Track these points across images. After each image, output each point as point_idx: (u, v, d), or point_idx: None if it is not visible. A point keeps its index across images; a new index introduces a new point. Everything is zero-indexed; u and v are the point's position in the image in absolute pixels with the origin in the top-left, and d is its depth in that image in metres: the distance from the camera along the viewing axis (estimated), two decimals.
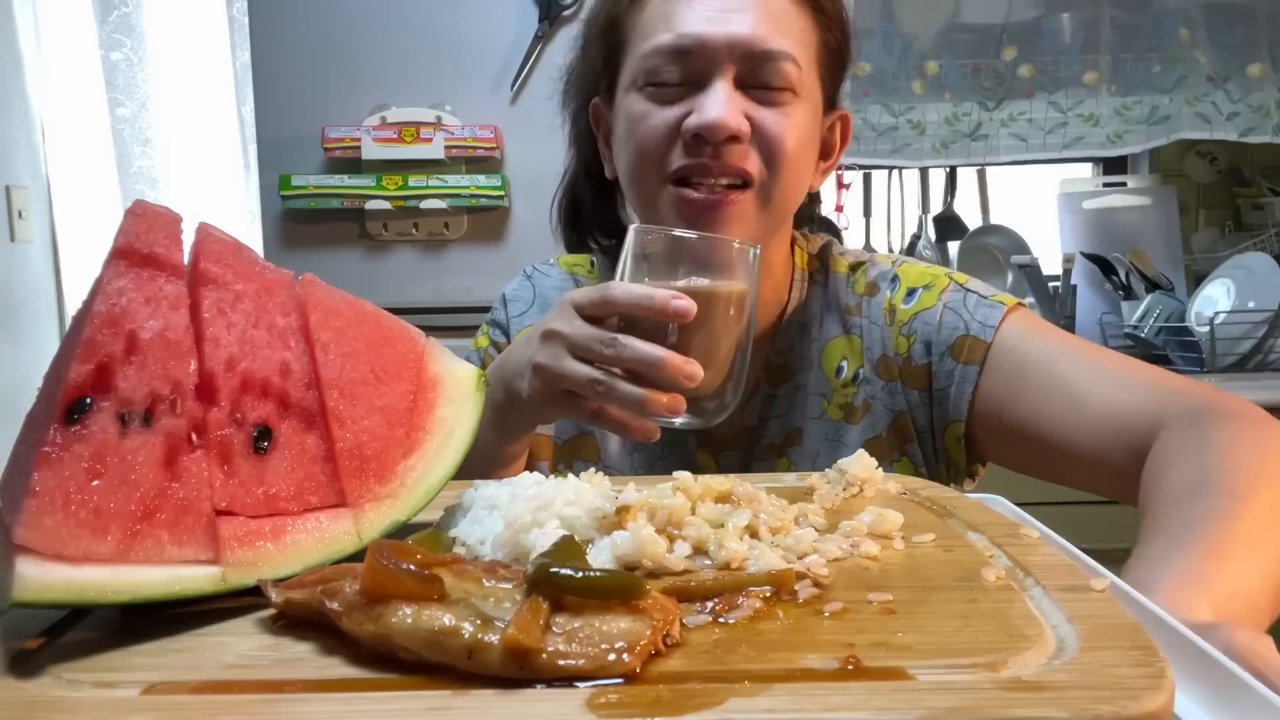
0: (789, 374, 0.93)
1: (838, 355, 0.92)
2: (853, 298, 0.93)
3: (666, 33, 0.81)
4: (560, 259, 1.03)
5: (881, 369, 0.91)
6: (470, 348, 1.00)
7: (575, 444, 0.95)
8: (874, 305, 0.92)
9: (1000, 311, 0.86)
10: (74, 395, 0.41)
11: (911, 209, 2.59)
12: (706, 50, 0.80)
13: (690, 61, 0.80)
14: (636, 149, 0.83)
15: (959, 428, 0.87)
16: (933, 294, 0.90)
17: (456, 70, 2.07)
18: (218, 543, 0.42)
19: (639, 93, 0.83)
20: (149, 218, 0.45)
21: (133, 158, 2.52)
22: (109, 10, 2.44)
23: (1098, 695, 0.31)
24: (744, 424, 0.93)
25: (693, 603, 0.40)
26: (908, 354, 0.89)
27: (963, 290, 0.89)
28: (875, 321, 0.92)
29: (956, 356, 0.86)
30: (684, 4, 0.81)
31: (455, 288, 2.08)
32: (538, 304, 0.99)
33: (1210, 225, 2.53)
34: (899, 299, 0.91)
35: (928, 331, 0.88)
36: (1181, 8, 2.27)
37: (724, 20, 0.80)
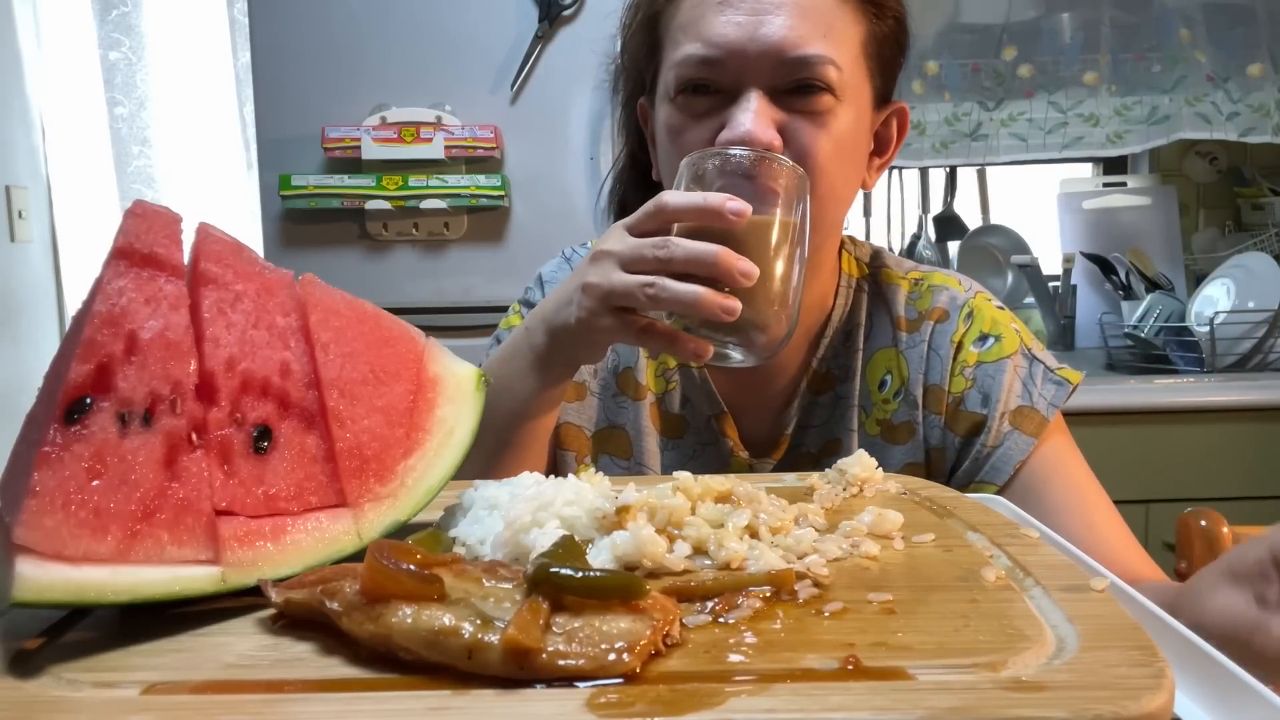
0: (832, 382, 0.91)
1: (883, 368, 0.90)
2: (912, 312, 0.91)
3: (695, 41, 0.79)
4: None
5: (930, 399, 0.88)
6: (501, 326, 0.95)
7: (605, 435, 0.92)
8: (939, 331, 0.89)
9: (1066, 391, 0.87)
10: (74, 395, 0.41)
11: (911, 209, 2.59)
12: (735, 60, 0.77)
13: (720, 71, 0.78)
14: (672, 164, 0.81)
15: (990, 489, 0.84)
16: (1002, 349, 0.88)
17: (456, 70, 2.06)
18: (218, 543, 0.42)
19: (672, 104, 0.81)
20: (149, 218, 0.45)
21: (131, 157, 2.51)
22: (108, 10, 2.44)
23: (1098, 695, 0.31)
24: (781, 430, 0.90)
25: (693, 603, 0.40)
26: (962, 396, 0.87)
27: (1030, 357, 0.88)
28: (936, 349, 0.89)
29: (1016, 423, 0.85)
30: (714, 10, 0.78)
31: (455, 288, 2.08)
32: None
33: (1210, 225, 2.53)
34: (970, 338, 0.89)
35: (990, 385, 0.86)
36: (1181, 8, 2.27)
37: (754, 26, 0.77)
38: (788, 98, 0.78)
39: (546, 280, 0.97)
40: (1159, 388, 1.93)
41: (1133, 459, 1.86)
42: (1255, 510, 1.82)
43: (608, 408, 0.91)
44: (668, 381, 0.91)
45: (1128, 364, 2.21)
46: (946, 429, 0.87)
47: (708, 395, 0.90)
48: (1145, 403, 1.87)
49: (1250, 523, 1.01)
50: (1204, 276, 2.30)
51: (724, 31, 0.77)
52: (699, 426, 0.91)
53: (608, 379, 0.91)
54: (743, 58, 0.77)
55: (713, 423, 0.91)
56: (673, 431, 0.92)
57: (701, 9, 0.79)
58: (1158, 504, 1.86)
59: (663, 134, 0.83)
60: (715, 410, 0.90)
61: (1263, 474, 1.88)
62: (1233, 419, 1.87)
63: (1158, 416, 1.87)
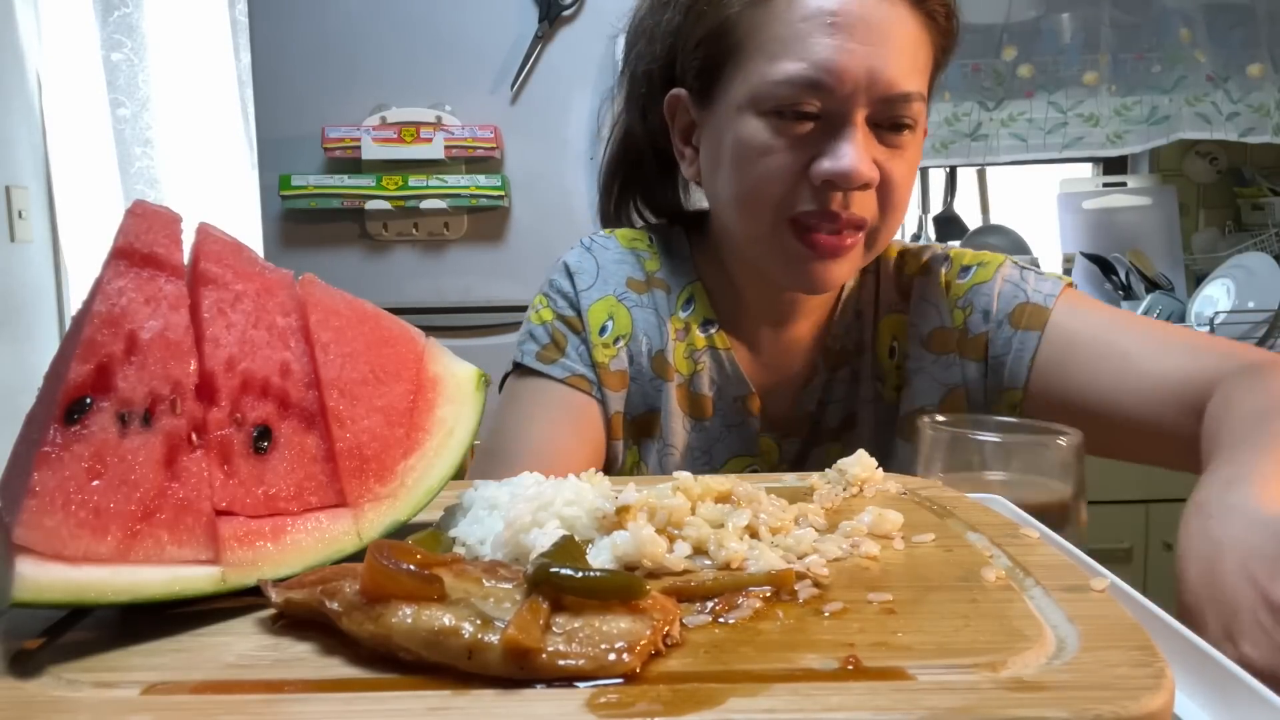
0: (845, 359, 0.94)
1: (888, 338, 0.93)
2: (903, 278, 0.94)
3: (800, 60, 0.76)
4: (617, 233, 0.97)
5: (935, 342, 0.91)
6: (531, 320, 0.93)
7: (643, 420, 0.92)
8: (926, 284, 0.93)
9: (1059, 285, 0.90)
10: (74, 395, 0.41)
11: (912, 209, 2.59)
12: (846, 86, 0.76)
13: (826, 98, 0.76)
14: (755, 184, 0.80)
15: (1015, 395, 0.87)
16: (989, 269, 0.92)
17: (456, 70, 2.07)
18: (218, 543, 0.42)
19: (761, 119, 0.79)
20: (149, 218, 0.45)
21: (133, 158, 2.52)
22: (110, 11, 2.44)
23: (1098, 695, 0.31)
24: (804, 409, 0.93)
25: (693, 603, 0.40)
26: (964, 325, 0.91)
27: (1019, 268, 0.92)
28: (927, 298, 0.92)
29: (1015, 324, 0.88)
30: (823, 29, 0.76)
31: (455, 288, 2.08)
32: (601, 278, 0.92)
33: (1210, 225, 2.53)
34: (954, 275, 0.93)
35: (985, 302, 0.90)
36: (1181, 8, 2.27)
37: (867, 56, 0.75)
38: (880, 130, 0.79)
39: (575, 270, 0.93)
40: None
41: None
42: None
43: (645, 393, 0.91)
44: (695, 363, 0.91)
45: None
46: (964, 361, 0.90)
47: (737, 377, 0.91)
48: None
49: None
50: (1204, 276, 2.30)
51: (838, 59, 0.75)
52: (725, 408, 0.92)
53: (643, 364, 0.91)
54: (853, 86, 0.76)
55: (739, 404, 0.92)
56: (700, 413, 0.92)
57: (809, 26, 0.76)
58: (1158, 504, 1.86)
59: (741, 149, 0.80)
60: (743, 391, 0.92)
61: None
62: None
63: None
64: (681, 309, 0.92)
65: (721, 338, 0.92)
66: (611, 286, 0.92)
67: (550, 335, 0.90)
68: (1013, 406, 0.88)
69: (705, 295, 0.93)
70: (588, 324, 0.90)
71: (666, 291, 0.92)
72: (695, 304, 0.92)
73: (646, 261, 0.94)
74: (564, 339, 0.90)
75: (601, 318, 0.90)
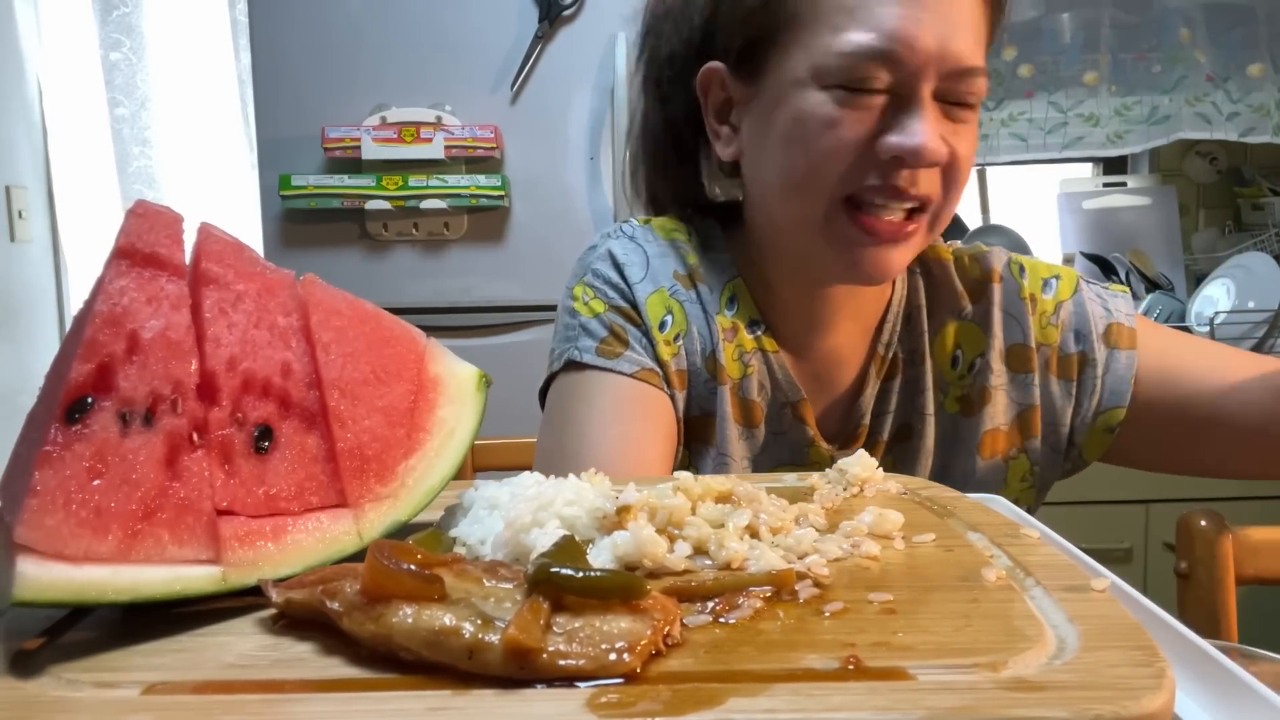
0: (899, 368, 0.89)
1: (951, 344, 0.89)
2: (969, 283, 0.90)
3: (868, 31, 0.72)
4: (653, 222, 0.91)
5: (1013, 359, 0.88)
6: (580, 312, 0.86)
7: (697, 422, 0.86)
8: (1002, 292, 0.89)
9: (1129, 299, 0.90)
10: (75, 395, 0.41)
11: None
12: (918, 57, 0.72)
13: (896, 69, 0.73)
14: (815, 161, 0.76)
15: (1118, 414, 0.86)
16: (1068, 284, 0.90)
17: (456, 70, 2.07)
18: (218, 543, 0.42)
19: (824, 92, 0.74)
20: (150, 217, 0.46)
21: (131, 158, 2.52)
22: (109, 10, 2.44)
23: (1098, 695, 0.31)
24: (857, 419, 0.88)
25: (693, 603, 0.40)
26: (1059, 344, 0.87)
27: (1088, 283, 0.91)
28: (1009, 310, 0.88)
29: (1111, 343, 0.87)
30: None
31: (455, 288, 2.08)
32: (651, 270, 0.87)
33: (1210, 225, 2.53)
34: (1036, 288, 0.89)
35: (1075, 321, 0.88)
36: (1181, 8, 2.27)
37: (936, 25, 0.72)
38: (945, 105, 0.76)
39: (623, 262, 0.87)
40: None
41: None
42: (1255, 510, 1.82)
43: (700, 395, 0.86)
44: (745, 367, 0.86)
45: None
46: (1047, 379, 0.88)
47: (788, 382, 0.86)
48: None
49: (1250, 523, 1.01)
50: (1204, 276, 2.30)
51: (908, 28, 0.72)
52: (773, 415, 0.87)
53: (698, 365, 0.85)
54: (924, 57, 0.73)
55: (789, 411, 0.86)
56: (750, 420, 0.86)
57: None
58: (1158, 504, 1.86)
59: (801, 124, 0.76)
60: (795, 397, 0.86)
61: None
62: None
63: None
64: (726, 308, 0.87)
65: (770, 340, 0.86)
66: (663, 279, 0.86)
67: (609, 328, 0.84)
68: (1110, 428, 0.87)
69: (748, 294, 0.87)
70: (647, 318, 0.84)
71: (709, 288, 0.87)
72: (739, 303, 0.87)
73: (687, 255, 0.88)
74: (624, 332, 0.83)
75: (660, 312, 0.85)
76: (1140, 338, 0.87)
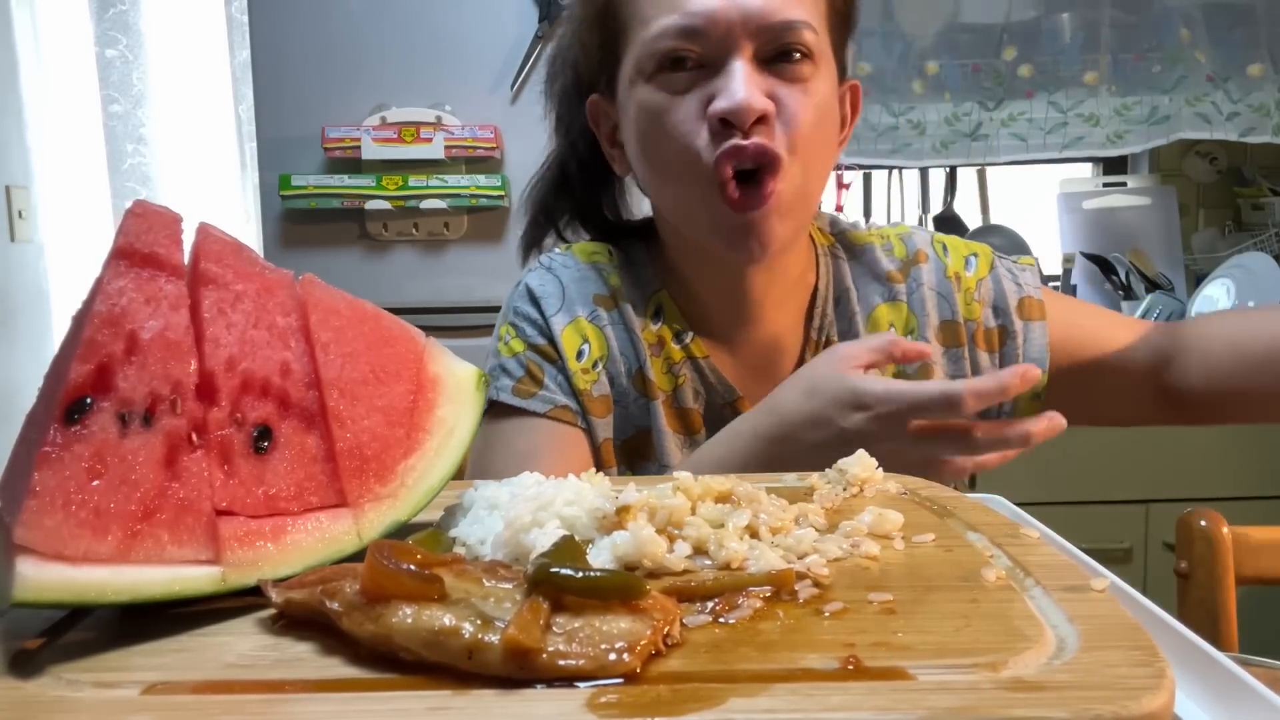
0: None
1: (884, 323, 0.92)
2: (893, 262, 0.93)
3: (673, 13, 0.76)
4: (575, 247, 0.95)
5: (945, 335, 0.92)
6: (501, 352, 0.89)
7: (634, 441, 0.89)
8: (930, 271, 0.92)
9: (1037, 272, 0.96)
10: (74, 395, 0.41)
11: (911, 209, 2.59)
12: (720, 27, 0.75)
13: (703, 42, 0.76)
14: (666, 149, 0.79)
15: (1043, 380, 0.90)
16: (984, 262, 0.94)
17: (456, 70, 2.07)
18: (218, 543, 0.42)
19: (649, 83, 0.79)
20: (149, 217, 0.45)
21: (125, 155, 2.51)
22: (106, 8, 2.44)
23: (1098, 695, 0.31)
24: None
25: (693, 603, 0.40)
26: (981, 318, 0.92)
27: (1000, 258, 0.96)
28: (935, 288, 0.92)
29: (1025, 315, 0.92)
30: None
31: (455, 288, 2.08)
32: (568, 299, 0.90)
33: (1210, 225, 2.53)
34: (959, 266, 0.93)
35: (993, 296, 0.92)
36: (1181, 8, 2.27)
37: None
38: (771, 65, 0.78)
39: (540, 295, 0.90)
40: None
41: (1133, 459, 1.86)
42: (1255, 510, 1.82)
43: (631, 414, 0.89)
44: (676, 377, 0.89)
45: None
46: (975, 353, 0.92)
47: (721, 384, 0.89)
48: None
49: (1250, 523, 1.01)
50: (1204, 276, 2.30)
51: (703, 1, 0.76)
52: (712, 417, 0.89)
53: (625, 385, 0.89)
54: (726, 25, 0.76)
55: (728, 410, 0.88)
56: (689, 428, 0.89)
57: None
58: (1158, 504, 1.86)
59: (642, 119, 0.80)
60: (730, 397, 0.89)
61: (1263, 474, 1.88)
62: None
63: None
64: (651, 321, 0.90)
65: (698, 345, 0.89)
66: (580, 307, 0.89)
67: (524, 367, 0.87)
68: (1036, 395, 0.91)
69: (672, 303, 0.90)
70: (563, 351, 0.87)
71: (633, 305, 0.89)
72: (664, 314, 0.90)
73: (609, 275, 0.91)
74: (540, 369, 0.86)
75: (576, 342, 0.87)
76: (1048, 308, 0.92)
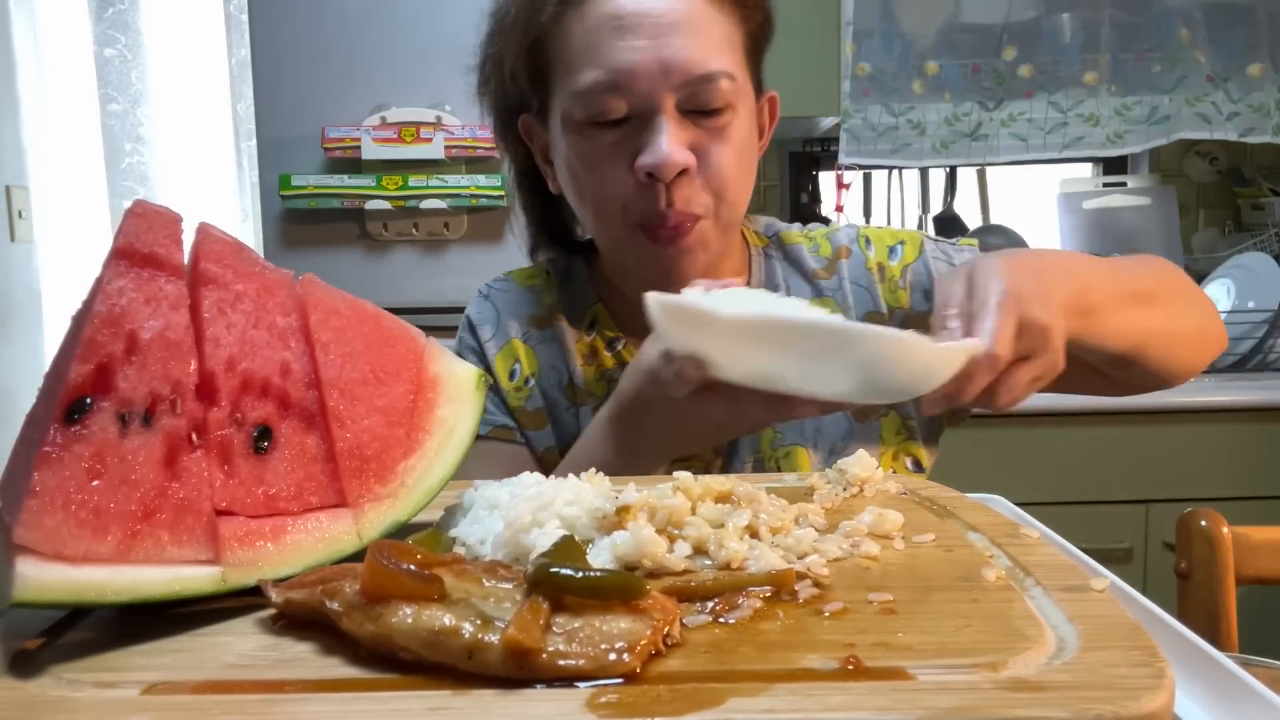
0: None
1: None
2: (819, 261, 0.95)
3: (597, 69, 0.79)
4: (514, 273, 1.01)
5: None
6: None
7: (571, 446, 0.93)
8: (850, 265, 0.94)
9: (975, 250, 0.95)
10: (74, 395, 0.41)
11: (911, 209, 2.59)
12: (642, 82, 0.78)
13: (628, 95, 0.79)
14: (594, 196, 0.83)
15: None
16: (912, 248, 0.94)
17: (456, 70, 2.06)
18: (218, 543, 0.42)
19: (578, 133, 0.82)
20: (149, 217, 0.45)
21: (123, 154, 2.51)
22: (104, 7, 2.43)
23: (1098, 695, 0.31)
24: None
25: (693, 603, 0.40)
26: (908, 307, 0.92)
27: (934, 240, 0.96)
28: (858, 281, 0.94)
29: None
30: (611, 34, 0.79)
31: (455, 288, 2.08)
32: (501, 325, 0.95)
33: (1210, 225, 2.53)
34: (882, 256, 0.94)
35: (922, 281, 0.92)
36: (1181, 8, 2.27)
37: (656, 49, 0.78)
38: (694, 115, 0.80)
39: (476, 323, 0.95)
40: None
41: (1133, 459, 1.86)
42: (1255, 510, 1.82)
43: (564, 421, 0.93)
44: (609, 383, 0.91)
45: None
46: None
47: None
48: (1145, 403, 1.87)
49: (1250, 523, 1.01)
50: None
51: (627, 58, 0.78)
52: None
53: (558, 397, 0.93)
54: (649, 80, 0.78)
55: None
56: None
57: (598, 34, 0.79)
58: (1158, 504, 1.86)
59: (575, 163, 0.83)
60: None
61: (1263, 474, 1.88)
62: (1233, 419, 1.87)
63: (1158, 416, 1.87)
64: (586, 333, 0.94)
65: (630, 351, 0.92)
66: (514, 330, 0.94)
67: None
68: None
69: (606, 314, 0.94)
70: (497, 375, 0.92)
71: (568, 320, 0.94)
72: (599, 324, 0.94)
73: (545, 295, 0.96)
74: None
75: (508, 364, 0.93)
76: None
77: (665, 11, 0.79)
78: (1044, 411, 1.86)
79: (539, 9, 0.83)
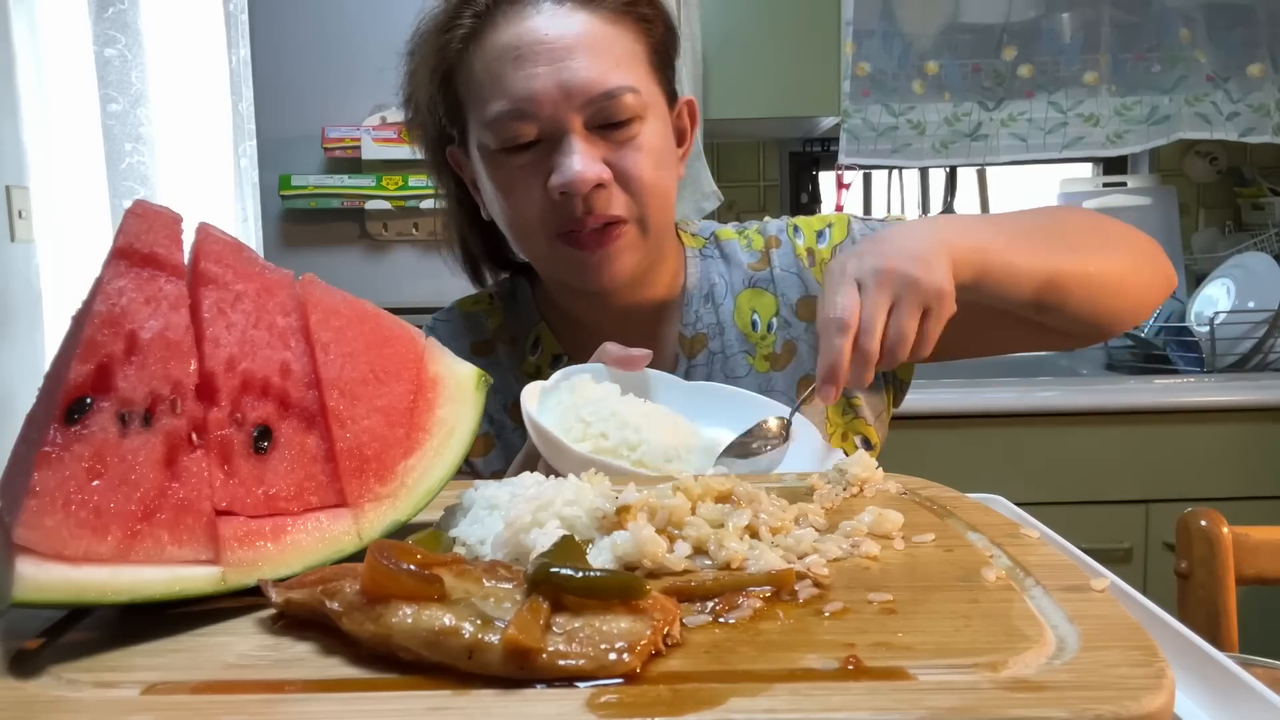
0: (704, 342, 0.96)
1: (747, 311, 0.96)
2: (751, 255, 0.97)
3: (502, 99, 0.81)
4: (460, 301, 1.03)
5: (803, 311, 0.95)
6: None
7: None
8: (780, 255, 0.96)
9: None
10: (74, 395, 0.41)
11: (911, 209, 2.59)
12: (546, 107, 0.80)
13: (536, 121, 0.81)
14: (514, 220, 0.85)
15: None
16: (840, 229, 0.96)
17: None
18: (218, 543, 0.42)
19: (492, 161, 0.84)
20: (149, 217, 0.45)
21: (123, 154, 2.51)
22: (104, 7, 2.44)
23: (1098, 695, 0.31)
24: None
25: (693, 603, 0.40)
26: None
27: (862, 222, 0.97)
28: (788, 269, 0.96)
29: None
30: (512, 64, 0.81)
31: (455, 288, 2.08)
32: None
33: (1210, 225, 2.53)
34: (811, 241, 0.97)
35: None
36: (1181, 8, 2.27)
37: (554, 74, 0.80)
38: (602, 131, 0.82)
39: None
40: (1159, 388, 1.93)
41: (1133, 459, 1.86)
42: (1255, 510, 1.82)
43: (510, 442, 0.94)
44: None
45: (1127, 364, 2.21)
46: None
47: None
48: (1145, 403, 1.87)
49: (1250, 523, 1.01)
50: (1204, 276, 2.30)
51: (529, 85, 0.80)
52: None
53: (502, 419, 0.94)
54: (552, 104, 0.80)
55: None
56: None
57: (500, 65, 0.82)
58: (1158, 504, 1.86)
59: (493, 189, 0.86)
60: None
61: (1263, 474, 1.88)
62: (1233, 419, 1.87)
63: (1158, 416, 1.87)
64: (530, 353, 0.96)
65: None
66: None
67: None
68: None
69: (550, 333, 0.97)
70: None
71: (512, 343, 0.97)
72: (542, 344, 0.97)
73: (488, 321, 0.98)
74: None
75: None
76: None
77: (560, 35, 0.81)
78: (1044, 411, 1.86)
79: (445, 45, 0.85)
